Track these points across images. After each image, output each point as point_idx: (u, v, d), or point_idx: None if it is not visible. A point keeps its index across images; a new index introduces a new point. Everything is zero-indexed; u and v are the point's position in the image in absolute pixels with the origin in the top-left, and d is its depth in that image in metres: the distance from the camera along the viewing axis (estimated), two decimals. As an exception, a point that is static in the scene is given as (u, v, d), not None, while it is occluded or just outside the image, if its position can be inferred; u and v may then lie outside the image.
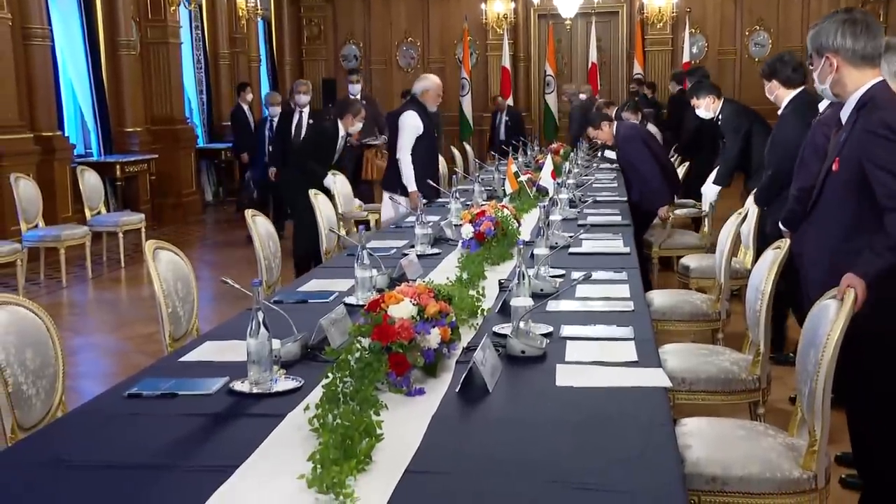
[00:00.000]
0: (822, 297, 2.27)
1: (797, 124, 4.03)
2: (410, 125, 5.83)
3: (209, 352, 2.47)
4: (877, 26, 2.57)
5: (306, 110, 8.11)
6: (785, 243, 2.94)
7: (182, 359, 2.42)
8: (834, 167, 2.55)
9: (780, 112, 4.32)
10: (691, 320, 3.87)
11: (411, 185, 5.78)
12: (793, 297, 3.73)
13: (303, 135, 7.38)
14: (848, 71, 2.54)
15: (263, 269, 3.94)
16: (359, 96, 8.14)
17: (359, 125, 6.19)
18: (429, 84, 5.98)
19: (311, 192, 5.00)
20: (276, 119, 8.57)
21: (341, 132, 6.11)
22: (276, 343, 2.14)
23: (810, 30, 2.64)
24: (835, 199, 2.58)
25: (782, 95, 4.29)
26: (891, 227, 2.38)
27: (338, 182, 6.10)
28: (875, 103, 2.49)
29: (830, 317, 2.17)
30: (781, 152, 4.11)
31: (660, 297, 3.98)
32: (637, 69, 13.63)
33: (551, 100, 13.70)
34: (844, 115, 2.60)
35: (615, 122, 6.19)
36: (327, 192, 6.02)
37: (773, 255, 2.96)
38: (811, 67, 2.67)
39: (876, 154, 2.41)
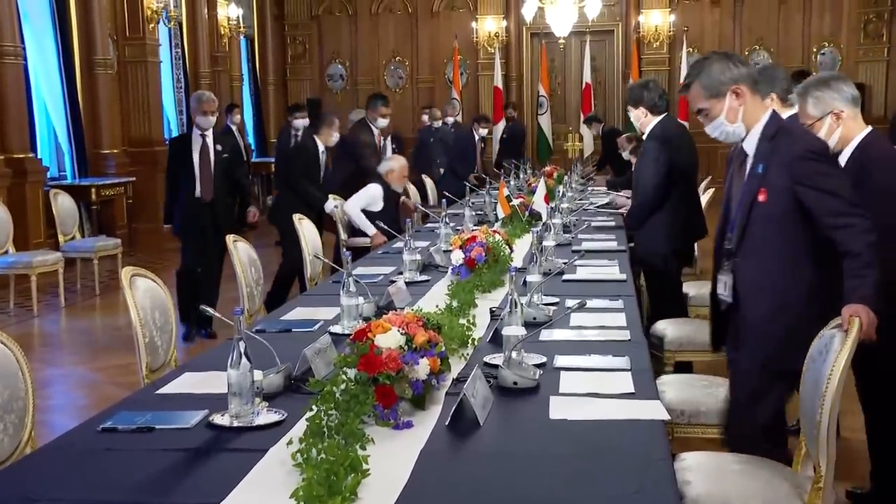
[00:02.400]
0: (826, 328, 2.29)
1: (662, 150, 4.36)
2: (370, 196, 6.08)
3: (188, 383, 2.46)
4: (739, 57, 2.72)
5: (210, 134, 5.91)
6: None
7: (159, 391, 2.41)
8: (761, 198, 2.56)
9: (644, 138, 4.59)
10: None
11: (370, 230, 6.00)
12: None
13: (212, 165, 5.84)
14: (752, 98, 2.61)
15: (245, 296, 3.94)
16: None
17: (336, 136, 6.28)
18: (394, 165, 6.18)
19: (296, 216, 5.01)
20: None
21: (320, 148, 6.19)
22: (257, 374, 2.13)
23: (691, 84, 2.64)
24: (767, 231, 2.56)
25: (647, 123, 4.52)
26: (849, 244, 2.43)
27: (340, 208, 6.17)
28: (789, 131, 2.60)
29: (835, 348, 2.18)
30: (644, 180, 4.45)
31: (672, 328, 3.95)
32: (633, 89, 13.75)
33: (544, 121, 13.80)
34: (749, 145, 2.63)
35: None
36: (322, 218, 6.07)
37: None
38: (702, 117, 2.67)
39: (810, 178, 2.48)
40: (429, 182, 8.92)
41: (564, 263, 3.92)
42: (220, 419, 2.09)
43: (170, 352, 3.15)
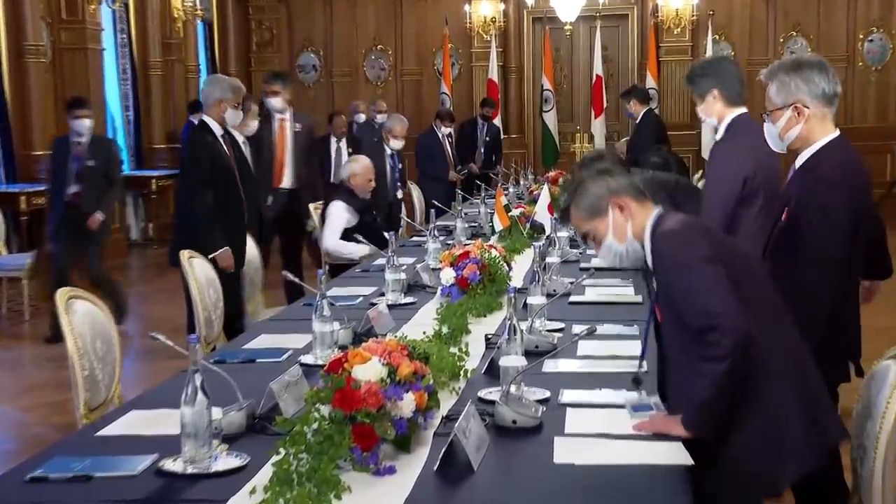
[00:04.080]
0: (882, 358, 2.30)
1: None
2: (337, 218, 5.97)
3: (134, 423, 2.46)
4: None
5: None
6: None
7: (100, 432, 2.41)
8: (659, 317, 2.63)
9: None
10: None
11: (363, 250, 5.80)
12: None
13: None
14: (638, 207, 2.59)
15: (202, 321, 3.94)
16: (286, 114, 6.99)
17: (254, 124, 6.21)
18: (357, 168, 6.08)
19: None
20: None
21: (239, 139, 5.97)
22: (216, 412, 2.14)
23: (569, 210, 2.67)
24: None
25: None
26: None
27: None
28: (664, 236, 2.58)
29: (891, 381, 2.19)
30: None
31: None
32: (650, 82, 13.81)
33: (549, 119, 13.83)
34: (650, 261, 2.61)
35: None
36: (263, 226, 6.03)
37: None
38: (591, 244, 2.70)
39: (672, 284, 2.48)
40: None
41: (571, 283, 3.94)
42: (172, 465, 2.08)
43: (113, 387, 3.15)
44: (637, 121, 8.89)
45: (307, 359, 2.96)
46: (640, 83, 13.49)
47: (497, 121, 12.84)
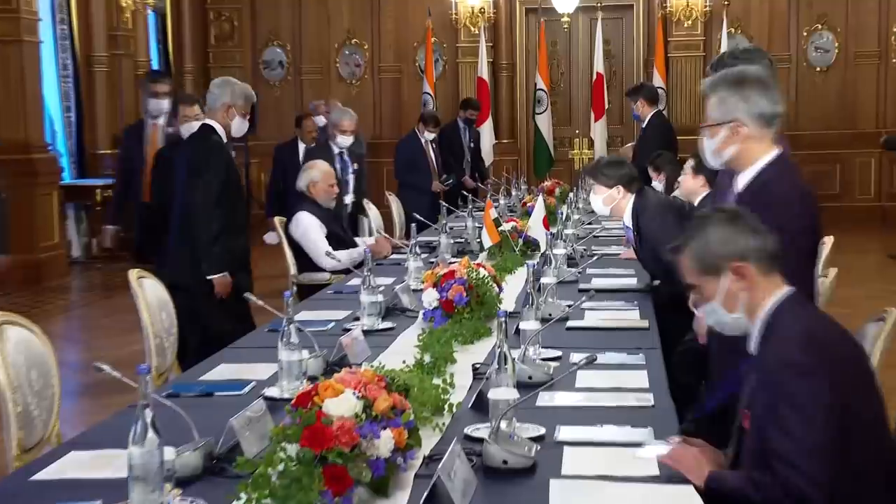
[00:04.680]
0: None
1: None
2: (311, 230, 6.03)
3: (74, 466, 2.44)
4: None
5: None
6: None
7: (35, 476, 2.39)
8: (745, 424, 2.54)
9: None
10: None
11: (356, 250, 5.92)
12: None
13: None
14: (761, 281, 2.52)
15: (153, 349, 3.92)
16: (161, 119, 6.82)
17: (195, 124, 6.18)
18: (316, 174, 6.10)
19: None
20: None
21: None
22: (168, 452, 2.13)
23: (684, 248, 2.63)
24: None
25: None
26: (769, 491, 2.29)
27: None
28: (781, 328, 2.52)
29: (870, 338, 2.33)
30: None
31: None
32: (658, 81, 13.85)
33: (543, 122, 13.81)
34: (753, 346, 2.56)
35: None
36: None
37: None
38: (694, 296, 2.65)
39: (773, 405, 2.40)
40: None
41: (569, 306, 3.95)
42: (119, 512, 2.07)
43: (51, 424, 3.13)
44: (643, 124, 8.92)
45: (272, 392, 2.94)
46: (647, 81, 13.51)
47: (487, 125, 12.84)
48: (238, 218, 5.19)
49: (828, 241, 4.67)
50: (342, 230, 6.27)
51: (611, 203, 4.80)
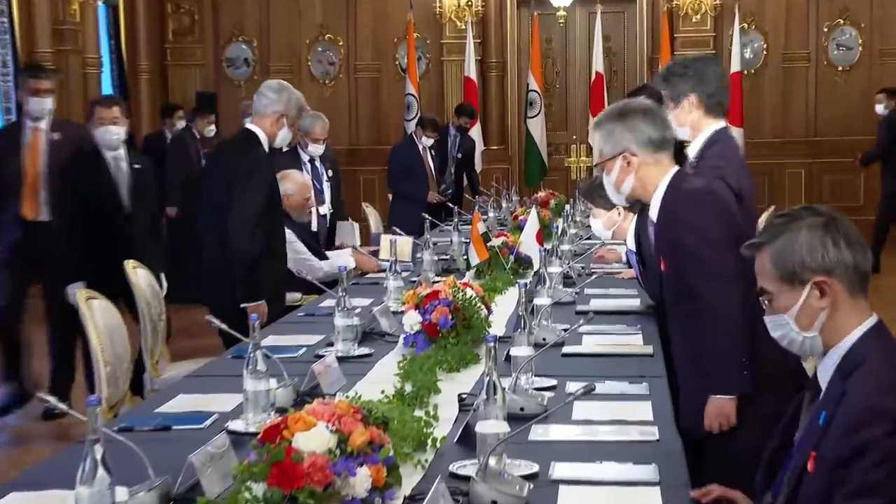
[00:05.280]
0: None
1: None
2: (288, 239, 5.93)
3: (17, 508, 2.44)
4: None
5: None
6: None
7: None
8: (809, 466, 2.55)
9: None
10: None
11: (339, 260, 5.94)
12: None
13: None
14: (847, 301, 2.48)
15: (104, 378, 3.91)
16: (43, 122, 6.49)
17: (112, 129, 6.11)
18: (290, 186, 6.06)
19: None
20: None
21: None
22: (121, 493, 2.13)
23: (762, 247, 2.59)
24: None
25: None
26: None
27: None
28: (867, 363, 2.48)
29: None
30: None
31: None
32: (663, 82, 13.91)
33: (535, 126, 13.79)
34: (824, 376, 2.52)
35: None
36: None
37: None
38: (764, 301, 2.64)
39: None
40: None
41: (565, 330, 3.95)
42: (66, 559, 2.08)
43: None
44: None
45: (236, 425, 2.94)
46: (651, 82, 13.56)
47: (475, 130, 12.80)
48: (278, 243, 5.25)
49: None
50: (320, 247, 6.26)
51: (612, 226, 4.87)
